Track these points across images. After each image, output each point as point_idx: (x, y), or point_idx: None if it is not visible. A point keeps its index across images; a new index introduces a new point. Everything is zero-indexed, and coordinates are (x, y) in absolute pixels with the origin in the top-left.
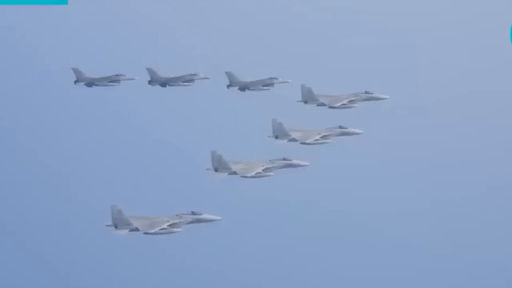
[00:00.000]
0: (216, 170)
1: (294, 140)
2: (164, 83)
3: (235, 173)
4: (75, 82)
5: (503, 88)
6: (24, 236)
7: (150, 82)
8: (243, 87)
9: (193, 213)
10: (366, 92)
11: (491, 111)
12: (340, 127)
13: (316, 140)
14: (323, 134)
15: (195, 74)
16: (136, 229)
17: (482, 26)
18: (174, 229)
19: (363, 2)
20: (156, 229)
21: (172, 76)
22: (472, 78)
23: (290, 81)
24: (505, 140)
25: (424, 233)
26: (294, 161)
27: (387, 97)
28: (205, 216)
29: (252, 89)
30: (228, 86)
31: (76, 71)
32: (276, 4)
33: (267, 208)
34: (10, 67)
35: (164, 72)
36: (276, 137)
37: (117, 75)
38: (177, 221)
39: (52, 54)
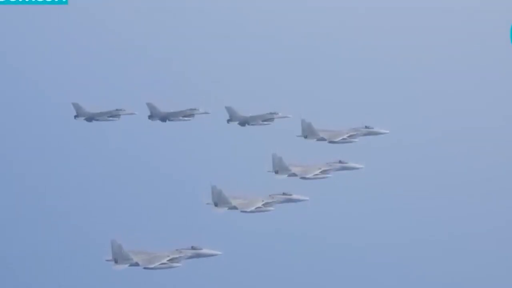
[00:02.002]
0: (216, 205)
1: (294, 175)
2: (164, 117)
3: (235, 207)
4: (75, 117)
5: (503, 89)
6: (24, 271)
7: (150, 117)
8: (243, 122)
9: (193, 248)
10: (366, 127)
11: (493, 145)
12: (340, 161)
13: (316, 175)
14: (323, 169)
15: (195, 109)
16: (136, 264)
17: (482, 26)
18: (174, 264)
19: (364, 35)
20: (156, 264)
21: (172, 111)
22: (472, 78)
23: (290, 116)
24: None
25: (425, 267)
26: (294, 196)
27: (387, 131)
28: (205, 251)
29: (252, 124)
30: (228, 121)
31: (76, 106)
32: (275, 38)
33: (267, 242)
34: (7, 98)
35: (164, 107)
36: (276, 172)
37: (117, 109)
38: (177, 256)
39: (50, 85)
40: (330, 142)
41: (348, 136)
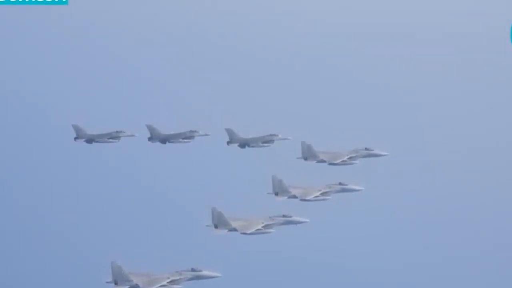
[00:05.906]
0: (216, 226)
1: (294, 196)
2: (164, 139)
3: (235, 229)
4: (75, 138)
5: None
6: None
7: (150, 139)
8: (243, 144)
9: (193, 270)
10: (366, 149)
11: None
12: (340, 183)
13: (316, 196)
14: (323, 190)
15: (195, 131)
16: (136, 286)
17: (482, 26)
18: (174, 286)
19: (364, 58)
20: (156, 286)
21: (172, 132)
22: (472, 79)
23: (290, 138)
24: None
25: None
26: (294, 218)
27: (387, 153)
28: (205, 272)
29: (252, 146)
30: (228, 142)
31: (76, 127)
32: (276, 61)
33: (267, 264)
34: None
35: (164, 129)
36: (276, 194)
37: (117, 131)
38: (177, 277)
39: (50, 107)
40: (330, 164)
41: (348, 158)
